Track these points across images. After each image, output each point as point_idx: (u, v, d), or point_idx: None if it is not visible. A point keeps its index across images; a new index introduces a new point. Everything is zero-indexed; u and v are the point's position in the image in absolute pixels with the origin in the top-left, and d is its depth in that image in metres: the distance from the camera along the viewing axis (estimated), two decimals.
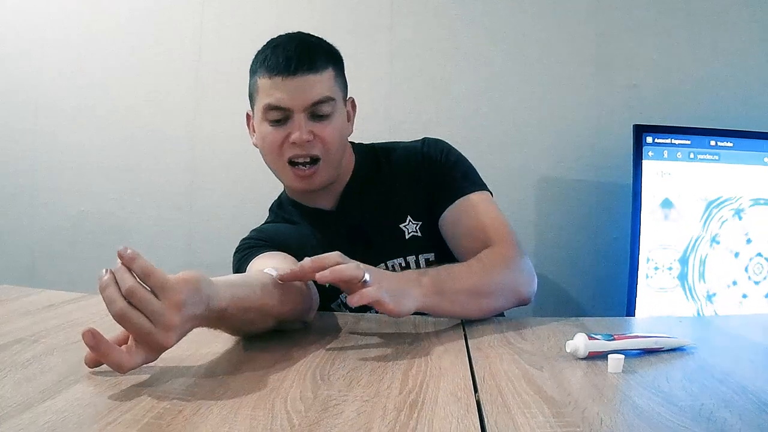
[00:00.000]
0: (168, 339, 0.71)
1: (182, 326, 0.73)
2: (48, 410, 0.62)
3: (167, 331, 0.70)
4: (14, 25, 2.19)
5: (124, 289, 0.69)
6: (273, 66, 1.17)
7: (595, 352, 0.83)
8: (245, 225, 1.36)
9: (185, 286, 0.72)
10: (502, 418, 0.63)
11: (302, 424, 0.60)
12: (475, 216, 1.24)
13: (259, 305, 0.88)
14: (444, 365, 0.82)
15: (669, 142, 1.85)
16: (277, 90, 1.18)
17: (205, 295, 0.76)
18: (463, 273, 1.10)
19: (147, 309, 0.69)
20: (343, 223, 1.27)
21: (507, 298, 1.15)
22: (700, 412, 0.65)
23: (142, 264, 0.70)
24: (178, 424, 0.60)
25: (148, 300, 0.69)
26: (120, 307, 0.68)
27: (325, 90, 1.20)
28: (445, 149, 1.32)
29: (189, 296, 0.72)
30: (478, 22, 2.07)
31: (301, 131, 1.18)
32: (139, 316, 0.69)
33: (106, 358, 0.69)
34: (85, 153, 2.18)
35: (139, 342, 0.71)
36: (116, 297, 0.68)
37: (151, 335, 0.70)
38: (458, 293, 1.06)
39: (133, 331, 0.70)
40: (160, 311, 0.70)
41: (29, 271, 2.21)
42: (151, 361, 0.73)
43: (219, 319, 0.82)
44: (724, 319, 1.15)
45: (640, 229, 1.82)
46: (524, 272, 1.18)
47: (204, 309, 0.76)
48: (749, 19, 2.03)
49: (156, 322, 0.70)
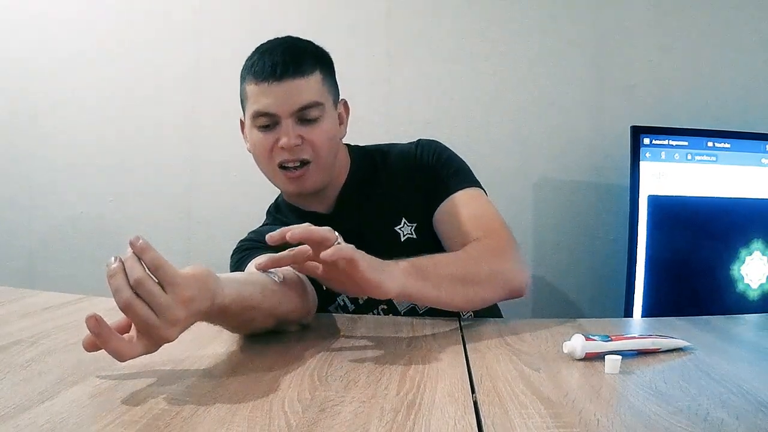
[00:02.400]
0: (172, 333, 0.71)
1: (186, 321, 0.73)
2: (46, 411, 0.62)
3: (172, 325, 0.70)
4: (12, 27, 2.19)
5: (132, 279, 0.68)
6: (259, 72, 1.18)
7: (592, 353, 0.83)
8: (243, 227, 1.36)
9: (195, 283, 0.73)
10: (499, 418, 0.63)
11: (300, 425, 0.60)
12: (466, 212, 1.23)
13: (260, 305, 0.88)
14: (441, 366, 0.82)
15: (666, 143, 1.85)
16: (264, 96, 1.18)
17: (211, 292, 0.76)
18: (449, 260, 1.09)
19: (154, 302, 0.69)
20: (339, 226, 1.26)
21: (496, 289, 1.12)
22: (696, 412, 0.65)
23: (153, 255, 0.70)
24: (176, 425, 0.60)
25: (155, 293, 0.69)
26: (126, 297, 0.68)
27: (313, 94, 1.20)
28: (437, 149, 1.32)
29: (196, 293, 0.72)
30: (476, 23, 2.07)
31: (289, 137, 1.18)
32: (144, 308, 0.68)
33: (106, 344, 0.68)
34: (83, 155, 2.17)
35: (142, 333, 0.71)
36: (123, 286, 0.68)
37: (156, 328, 0.69)
38: (442, 278, 1.03)
39: (138, 322, 0.70)
40: (167, 305, 0.69)
41: (28, 273, 2.21)
42: (150, 352, 0.73)
43: (220, 316, 0.82)
44: (721, 320, 1.15)
45: (638, 230, 1.82)
46: (515, 262, 1.16)
47: (209, 305, 0.76)
48: (747, 20, 2.04)
49: (161, 315, 0.69)
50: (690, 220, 1.88)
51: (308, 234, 0.91)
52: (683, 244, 1.87)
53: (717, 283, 1.87)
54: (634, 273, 1.82)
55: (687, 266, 1.88)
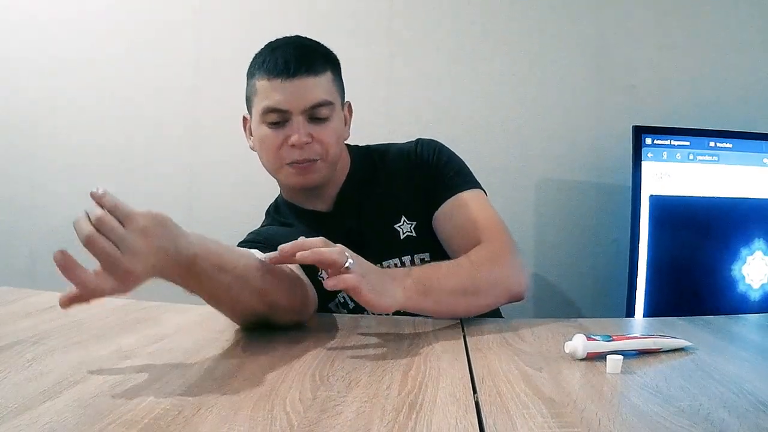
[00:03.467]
0: (133, 264, 0.74)
1: (148, 256, 0.76)
2: (48, 411, 0.62)
3: (133, 256, 0.74)
4: (12, 27, 2.20)
5: (93, 218, 0.74)
6: (272, 68, 1.18)
7: (594, 352, 0.83)
8: (243, 227, 1.36)
9: (148, 215, 0.77)
10: (501, 418, 0.63)
11: (301, 425, 0.60)
12: (466, 214, 1.23)
13: (235, 270, 0.89)
14: (443, 366, 0.82)
15: (668, 143, 1.85)
16: (276, 92, 1.18)
17: (172, 233, 0.80)
18: (450, 272, 1.09)
19: (113, 234, 0.73)
20: (339, 224, 1.27)
21: (496, 296, 1.14)
22: (698, 412, 0.65)
23: (110, 199, 0.75)
24: (177, 425, 0.60)
25: (114, 226, 0.74)
26: (88, 232, 0.72)
27: (324, 93, 1.20)
28: (437, 148, 1.32)
29: (152, 225, 0.76)
30: (477, 24, 2.07)
31: (300, 133, 1.18)
32: (105, 241, 0.73)
33: (72, 275, 0.72)
34: (83, 155, 2.17)
35: (108, 270, 0.74)
36: (85, 225, 0.73)
37: (116, 259, 0.73)
38: (443, 293, 1.05)
39: (100, 255, 0.73)
40: (125, 236, 0.74)
41: (29, 272, 2.21)
42: (120, 292, 0.75)
43: (191, 271, 0.83)
44: (722, 320, 1.15)
45: (640, 230, 1.82)
46: (514, 268, 1.17)
47: (172, 247, 0.79)
48: (748, 19, 2.04)
49: (122, 246, 0.73)
50: (692, 220, 1.88)
51: (318, 258, 0.92)
52: (685, 244, 1.87)
53: (718, 283, 1.87)
54: (635, 273, 1.82)
55: (688, 266, 1.88)
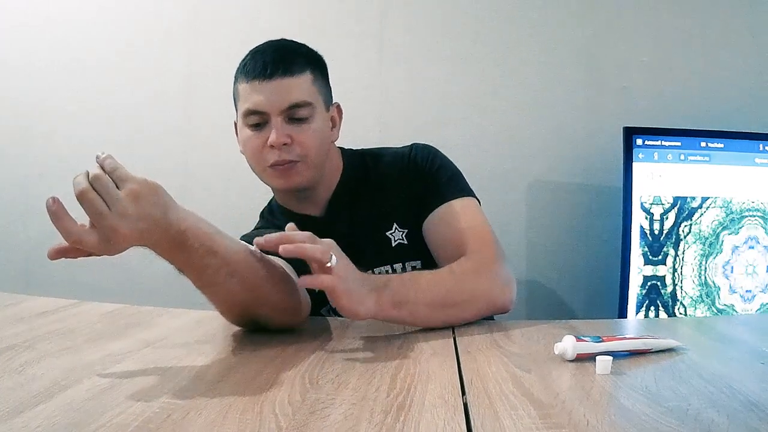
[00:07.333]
0: (120, 225, 0.76)
1: (137, 220, 0.77)
2: (39, 415, 0.63)
3: (120, 217, 0.76)
4: (7, 31, 2.19)
5: (91, 175, 0.77)
6: (251, 71, 1.19)
7: (584, 353, 0.84)
8: (237, 230, 1.36)
9: (143, 182, 0.79)
10: (489, 420, 0.63)
11: (290, 427, 0.61)
12: (455, 223, 1.21)
13: (224, 254, 0.89)
14: (432, 368, 0.82)
15: (659, 143, 1.86)
16: (254, 94, 1.19)
17: (164, 202, 0.81)
18: (430, 283, 1.07)
19: (105, 193, 0.76)
20: (331, 229, 1.26)
21: (478, 308, 1.10)
22: (687, 412, 0.65)
23: (111, 162, 0.78)
24: (167, 428, 0.60)
25: (109, 187, 0.76)
26: (83, 187, 0.75)
27: (302, 93, 1.20)
28: (431, 154, 1.31)
29: (145, 191, 0.79)
30: (469, 26, 2.08)
31: (277, 134, 1.18)
32: (97, 198, 0.76)
33: (60, 224, 0.75)
34: (77, 158, 2.16)
35: (95, 224, 0.76)
36: (83, 181, 0.76)
37: (105, 217, 0.75)
38: (419, 305, 1.03)
39: (89, 209, 0.76)
40: (117, 196, 0.76)
41: (23, 277, 2.21)
42: (106, 252, 0.78)
43: (180, 246, 0.84)
44: (712, 320, 1.15)
45: (631, 231, 1.83)
46: (498, 279, 1.14)
47: (162, 216, 0.80)
48: (739, 21, 2.05)
49: (112, 206, 0.76)
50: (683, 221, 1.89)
51: (301, 252, 0.92)
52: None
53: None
54: (628, 274, 1.83)
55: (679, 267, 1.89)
